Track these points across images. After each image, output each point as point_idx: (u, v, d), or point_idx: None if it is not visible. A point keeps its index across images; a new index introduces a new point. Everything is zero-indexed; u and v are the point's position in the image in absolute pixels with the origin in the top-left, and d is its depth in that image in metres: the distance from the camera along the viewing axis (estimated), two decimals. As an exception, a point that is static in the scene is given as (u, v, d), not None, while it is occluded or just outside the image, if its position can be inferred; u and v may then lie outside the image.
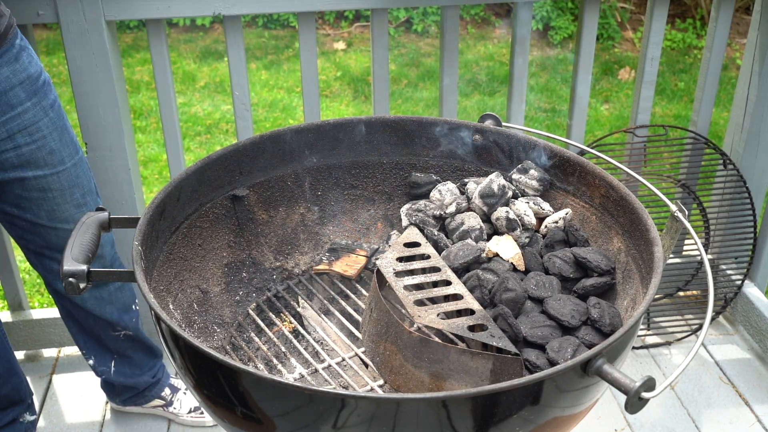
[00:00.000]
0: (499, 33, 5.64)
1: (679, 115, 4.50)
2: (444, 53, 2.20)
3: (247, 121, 2.23)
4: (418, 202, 1.55)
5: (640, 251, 1.30)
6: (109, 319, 2.03)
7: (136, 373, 2.17)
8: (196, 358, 1.11)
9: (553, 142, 1.55)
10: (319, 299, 1.52)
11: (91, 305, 1.99)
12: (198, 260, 1.44)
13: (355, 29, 5.62)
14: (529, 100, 4.64)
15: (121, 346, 2.10)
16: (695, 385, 2.47)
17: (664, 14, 2.28)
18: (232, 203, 1.49)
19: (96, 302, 2.00)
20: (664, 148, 2.57)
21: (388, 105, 2.26)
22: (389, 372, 1.25)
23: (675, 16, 5.64)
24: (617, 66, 5.12)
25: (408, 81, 4.91)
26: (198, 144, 4.24)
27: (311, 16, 2.11)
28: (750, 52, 2.37)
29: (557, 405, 1.10)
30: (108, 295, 2.01)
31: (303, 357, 1.41)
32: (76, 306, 2.00)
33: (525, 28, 2.21)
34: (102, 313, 2.01)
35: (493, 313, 1.27)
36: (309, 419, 1.05)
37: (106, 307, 2.02)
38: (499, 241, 1.45)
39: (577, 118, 2.39)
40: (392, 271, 1.36)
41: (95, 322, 2.03)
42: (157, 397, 2.26)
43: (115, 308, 2.04)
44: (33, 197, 1.76)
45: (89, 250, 1.21)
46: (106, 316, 2.02)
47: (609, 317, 1.26)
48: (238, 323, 1.47)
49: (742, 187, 2.50)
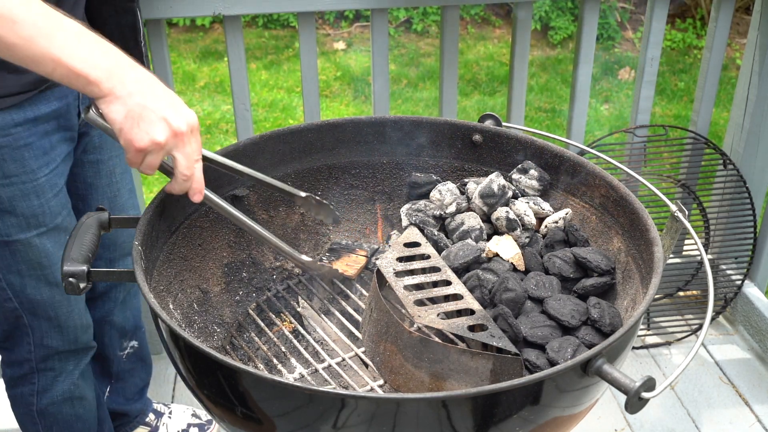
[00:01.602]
0: (499, 33, 5.64)
1: (679, 115, 4.50)
2: (444, 53, 2.20)
3: (247, 121, 2.23)
4: (418, 202, 1.55)
5: (640, 251, 1.30)
6: (126, 327, 2.01)
7: (129, 400, 2.13)
8: (196, 358, 1.12)
9: (553, 142, 1.55)
10: (319, 299, 1.52)
11: (116, 314, 1.97)
12: (198, 260, 1.44)
13: (355, 29, 5.62)
14: (529, 100, 4.63)
15: (121, 369, 2.06)
16: (695, 385, 2.47)
17: (664, 14, 2.28)
18: (232, 203, 1.49)
19: (121, 309, 1.97)
20: (664, 148, 2.57)
21: (388, 105, 2.26)
22: (389, 372, 1.25)
23: (675, 16, 5.64)
24: (617, 66, 5.12)
25: (408, 81, 4.91)
26: (198, 144, 4.24)
27: (311, 16, 2.11)
28: (750, 52, 2.37)
29: (557, 405, 1.10)
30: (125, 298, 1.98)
31: (303, 357, 1.41)
32: (103, 321, 1.97)
33: (525, 28, 2.21)
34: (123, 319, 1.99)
35: (493, 313, 1.27)
36: (309, 419, 1.05)
37: (126, 312, 2.00)
38: (499, 241, 1.45)
39: (577, 118, 2.39)
40: (392, 271, 1.36)
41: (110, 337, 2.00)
42: (142, 423, 2.20)
43: (131, 314, 2.02)
44: (101, 184, 1.75)
45: (89, 250, 1.20)
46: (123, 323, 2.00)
47: (609, 317, 1.26)
48: (238, 323, 1.47)
49: (742, 187, 2.50)
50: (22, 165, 1.49)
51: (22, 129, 1.46)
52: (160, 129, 1.11)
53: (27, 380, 1.74)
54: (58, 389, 1.75)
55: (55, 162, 1.54)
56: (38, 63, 1.06)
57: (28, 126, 1.47)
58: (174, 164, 1.17)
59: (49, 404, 1.76)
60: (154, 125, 1.11)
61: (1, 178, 1.48)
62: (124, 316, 1.98)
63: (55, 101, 1.50)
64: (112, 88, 1.08)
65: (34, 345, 1.69)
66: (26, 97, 1.44)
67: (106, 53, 1.09)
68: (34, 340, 1.69)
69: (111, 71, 1.08)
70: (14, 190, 1.50)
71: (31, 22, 1.04)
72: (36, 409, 1.76)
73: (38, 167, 1.51)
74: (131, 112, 1.09)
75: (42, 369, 1.73)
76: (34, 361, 1.72)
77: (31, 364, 1.72)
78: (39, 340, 1.69)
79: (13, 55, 1.06)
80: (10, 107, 1.43)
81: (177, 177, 1.18)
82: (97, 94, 1.09)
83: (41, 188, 1.52)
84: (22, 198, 1.51)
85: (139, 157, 1.13)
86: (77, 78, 1.07)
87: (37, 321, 1.66)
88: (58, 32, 1.06)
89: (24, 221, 1.53)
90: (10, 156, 1.47)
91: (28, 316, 1.64)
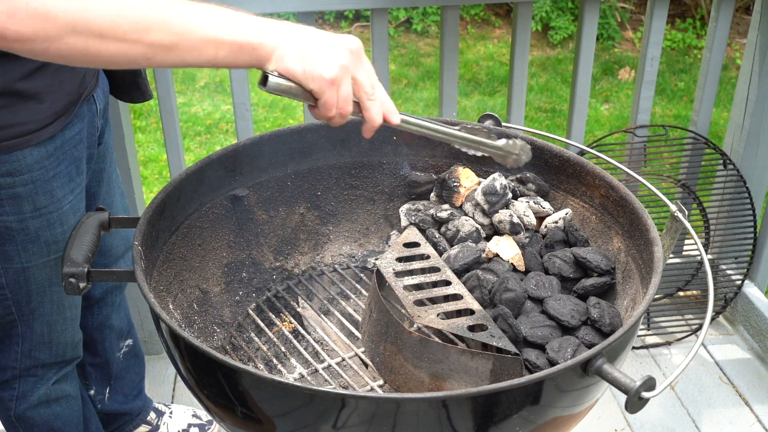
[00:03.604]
0: (499, 33, 5.64)
1: (679, 115, 4.50)
2: (444, 53, 2.20)
3: (247, 121, 2.23)
4: (418, 202, 1.55)
5: (640, 251, 1.30)
6: (123, 328, 2.02)
7: (129, 398, 2.13)
8: (196, 358, 1.12)
9: (553, 142, 1.55)
10: (319, 299, 1.52)
11: (114, 318, 1.96)
12: (198, 260, 1.44)
13: (355, 29, 5.62)
14: (529, 100, 4.63)
15: (120, 367, 2.06)
16: (695, 385, 2.47)
17: (664, 14, 2.28)
18: (232, 203, 1.49)
19: (117, 312, 1.97)
20: (664, 148, 2.57)
21: (388, 105, 2.25)
22: (389, 372, 1.25)
23: (675, 16, 5.64)
24: (617, 66, 5.12)
25: (408, 81, 4.91)
26: (198, 144, 4.24)
27: (311, 16, 2.11)
28: (750, 52, 2.37)
29: (557, 405, 1.10)
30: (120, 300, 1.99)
31: (303, 357, 1.41)
32: (103, 326, 1.97)
33: (525, 28, 2.21)
34: (119, 320, 1.98)
35: (493, 313, 1.27)
36: (309, 419, 1.05)
37: (121, 313, 2.00)
38: (499, 241, 1.45)
39: (577, 118, 2.39)
40: (392, 272, 1.36)
41: (110, 341, 2.00)
42: (144, 422, 2.20)
43: (124, 314, 2.03)
44: (101, 192, 1.74)
45: (89, 250, 1.20)
46: (120, 324, 2.00)
47: (609, 317, 1.26)
48: (238, 323, 1.47)
49: (742, 187, 2.50)
50: (51, 196, 1.47)
51: (53, 159, 1.45)
52: (337, 52, 1.07)
53: (7, 386, 1.71)
54: (36, 394, 1.73)
55: (80, 187, 1.54)
56: (200, 52, 1.03)
57: (57, 155, 1.45)
58: (358, 90, 1.11)
59: (27, 408, 1.74)
60: (330, 51, 1.07)
61: (32, 211, 1.46)
62: (120, 318, 1.99)
63: (78, 123, 1.49)
64: (277, 43, 1.06)
65: (21, 354, 1.67)
66: (60, 125, 1.43)
67: (250, 19, 1.07)
68: (23, 350, 1.66)
69: (266, 30, 1.06)
70: (42, 221, 1.48)
71: (180, 15, 1.01)
72: (13, 414, 1.74)
73: (63, 195, 1.50)
74: (303, 53, 1.06)
75: (24, 376, 1.71)
76: (18, 369, 1.69)
77: (15, 372, 1.70)
78: (27, 351, 1.67)
79: (175, 55, 1.03)
80: (45, 140, 1.41)
81: (365, 103, 1.12)
82: (265, 57, 1.06)
83: (65, 216, 1.51)
84: (48, 228, 1.50)
85: (333, 92, 1.08)
86: (241, 50, 1.04)
87: (30, 333, 1.64)
88: (205, 15, 1.03)
89: (45, 248, 1.52)
90: (42, 189, 1.45)
91: (23, 326, 1.63)
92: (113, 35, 0.98)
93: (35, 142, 1.39)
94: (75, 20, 0.95)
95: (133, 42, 0.99)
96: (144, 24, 0.99)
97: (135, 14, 0.99)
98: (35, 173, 1.43)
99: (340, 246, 1.62)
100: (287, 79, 1.07)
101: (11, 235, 1.47)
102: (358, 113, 1.13)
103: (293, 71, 1.06)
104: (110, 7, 0.97)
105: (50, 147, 1.43)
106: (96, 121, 1.57)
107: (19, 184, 1.42)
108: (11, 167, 1.39)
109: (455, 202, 1.51)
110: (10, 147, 1.37)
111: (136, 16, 0.99)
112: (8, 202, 1.43)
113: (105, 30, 0.97)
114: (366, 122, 1.14)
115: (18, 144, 1.38)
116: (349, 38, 1.10)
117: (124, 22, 0.98)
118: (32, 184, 1.43)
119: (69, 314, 1.67)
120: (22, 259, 1.51)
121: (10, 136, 1.37)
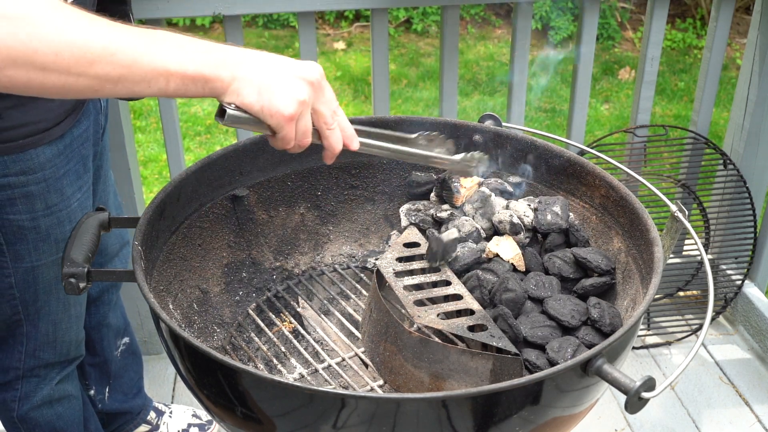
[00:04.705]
0: (499, 33, 5.64)
1: (679, 115, 4.50)
2: (444, 53, 2.20)
3: (247, 121, 2.22)
4: (418, 202, 1.55)
5: (640, 251, 1.30)
6: (120, 326, 2.02)
7: (128, 396, 2.13)
8: (196, 358, 1.12)
9: (553, 142, 1.55)
10: (318, 299, 1.52)
11: (111, 316, 1.97)
12: (198, 260, 1.44)
13: (355, 29, 5.62)
14: (529, 100, 4.63)
15: (119, 366, 2.06)
16: (695, 385, 2.47)
17: (664, 14, 2.28)
18: (232, 203, 1.49)
19: (114, 310, 1.98)
20: (664, 148, 2.57)
21: (388, 105, 2.25)
22: (389, 372, 1.25)
23: (675, 16, 5.64)
24: (617, 66, 5.12)
25: (408, 81, 4.91)
26: (198, 144, 4.24)
27: (311, 16, 2.11)
28: (750, 52, 2.37)
29: (557, 405, 1.10)
30: (116, 299, 2.00)
31: (303, 357, 1.41)
32: (100, 325, 1.98)
33: (525, 28, 2.21)
34: (116, 319, 1.99)
35: (493, 313, 1.27)
36: (309, 419, 1.05)
37: (118, 311, 2.01)
38: (499, 241, 1.45)
39: (577, 118, 2.39)
40: (392, 272, 1.36)
41: (108, 340, 2.01)
42: (144, 421, 2.20)
43: (120, 312, 2.03)
44: (98, 189, 1.74)
45: (89, 250, 1.20)
46: (117, 323, 2.01)
47: (609, 317, 1.26)
48: (238, 323, 1.47)
49: (742, 187, 2.50)
50: (61, 194, 1.48)
51: (63, 157, 1.45)
52: (296, 86, 1.04)
53: (10, 387, 1.71)
54: (39, 395, 1.73)
55: (87, 184, 1.54)
56: (150, 83, 0.98)
57: (66, 153, 1.46)
58: (317, 121, 1.10)
59: (30, 409, 1.74)
60: (289, 86, 1.04)
61: (44, 209, 1.47)
62: (116, 316, 1.99)
63: (85, 120, 1.49)
64: (233, 75, 1.02)
65: (25, 354, 1.67)
66: (70, 123, 1.43)
67: (207, 48, 1.03)
68: (27, 350, 1.67)
69: (222, 61, 1.02)
70: (53, 219, 1.49)
71: (127, 46, 0.97)
72: (16, 415, 1.75)
73: (72, 193, 1.50)
74: (261, 87, 1.03)
75: (27, 376, 1.71)
76: (21, 369, 1.69)
77: (18, 372, 1.70)
78: (32, 350, 1.67)
79: (123, 87, 0.98)
80: (56, 138, 1.41)
81: (324, 132, 1.11)
82: (220, 89, 1.02)
83: (74, 214, 1.52)
84: (58, 225, 1.51)
85: (291, 127, 1.05)
86: (193, 82, 1.00)
87: (35, 332, 1.65)
88: (154, 45, 0.99)
89: (55, 246, 1.53)
90: (53, 187, 1.46)
91: (28, 325, 1.63)
92: (56, 68, 0.92)
93: (47, 141, 1.40)
94: (15, 54, 0.90)
95: (78, 75, 0.94)
96: (89, 57, 0.94)
97: (79, 46, 0.93)
98: (47, 171, 1.43)
99: (340, 246, 1.62)
100: (245, 111, 1.04)
101: (23, 234, 1.48)
102: (319, 140, 1.12)
103: (251, 106, 1.03)
104: (53, 40, 0.92)
105: (60, 145, 1.44)
106: (100, 118, 1.58)
107: (32, 182, 1.42)
108: (24, 166, 1.40)
109: (455, 202, 1.51)
110: (23, 146, 1.38)
111: (81, 48, 0.93)
112: (21, 201, 1.44)
113: (47, 63, 0.92)
114: (326, 149, 1.13)
115: (31, 143, 1.39)
116: (309, 67, 1.07)
117: (67, 56, 0.92)
118: (44, 182, 1.44)
119: (74, 312, 1.67)
120: (32, 257, 1.51)
121: (23, 135, 1.37)
